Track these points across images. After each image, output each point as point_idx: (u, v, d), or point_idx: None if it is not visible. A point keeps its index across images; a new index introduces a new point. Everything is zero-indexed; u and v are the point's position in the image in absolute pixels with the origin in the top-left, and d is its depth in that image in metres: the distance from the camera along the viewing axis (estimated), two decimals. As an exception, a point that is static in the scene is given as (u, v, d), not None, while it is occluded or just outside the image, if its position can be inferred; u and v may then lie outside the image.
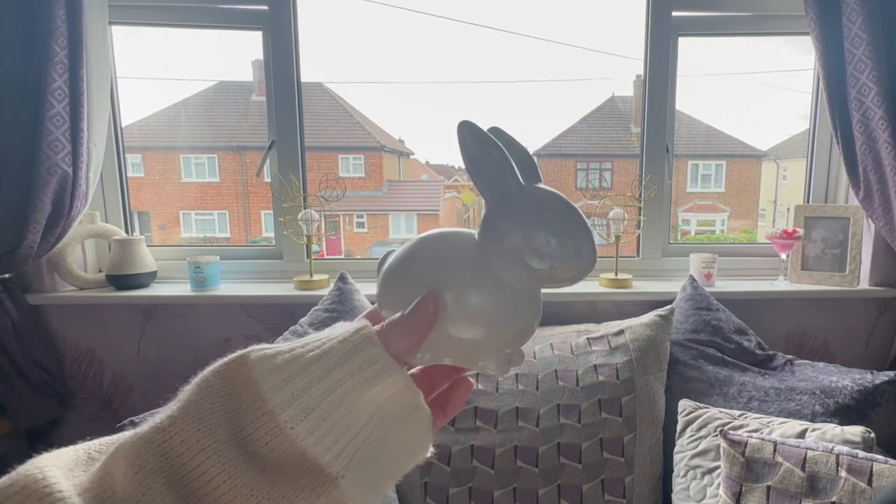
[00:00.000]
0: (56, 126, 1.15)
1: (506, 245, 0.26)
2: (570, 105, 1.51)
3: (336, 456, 0.23)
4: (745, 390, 1.12)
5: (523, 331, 0.29)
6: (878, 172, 1.20)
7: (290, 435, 0.22)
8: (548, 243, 0.25)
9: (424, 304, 0.27)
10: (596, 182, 5.52)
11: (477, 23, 6.64)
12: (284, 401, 0.23)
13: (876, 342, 1.41)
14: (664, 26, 1.40)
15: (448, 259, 0.28)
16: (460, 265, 0.27)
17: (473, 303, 0.27)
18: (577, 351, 1.19)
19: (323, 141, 6.33)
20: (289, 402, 0.23)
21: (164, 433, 0.22)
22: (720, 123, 6.59)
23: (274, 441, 0.22)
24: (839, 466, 0.83)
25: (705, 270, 1.37)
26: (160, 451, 0.21)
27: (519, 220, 0.26)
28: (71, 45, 1.15)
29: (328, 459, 0.23)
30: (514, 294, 0.27)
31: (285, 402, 0.23)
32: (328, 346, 0.25)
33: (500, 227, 0.26)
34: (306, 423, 0.23)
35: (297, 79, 1.43)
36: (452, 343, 0.27)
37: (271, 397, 0.23)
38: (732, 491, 0.90)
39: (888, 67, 1.15)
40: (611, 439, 1.09)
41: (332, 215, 1.46)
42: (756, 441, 0.90)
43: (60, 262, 1.31)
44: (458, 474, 1.06)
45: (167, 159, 5.18)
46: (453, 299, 0.27)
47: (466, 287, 0.27)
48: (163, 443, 0.22)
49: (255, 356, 0.24)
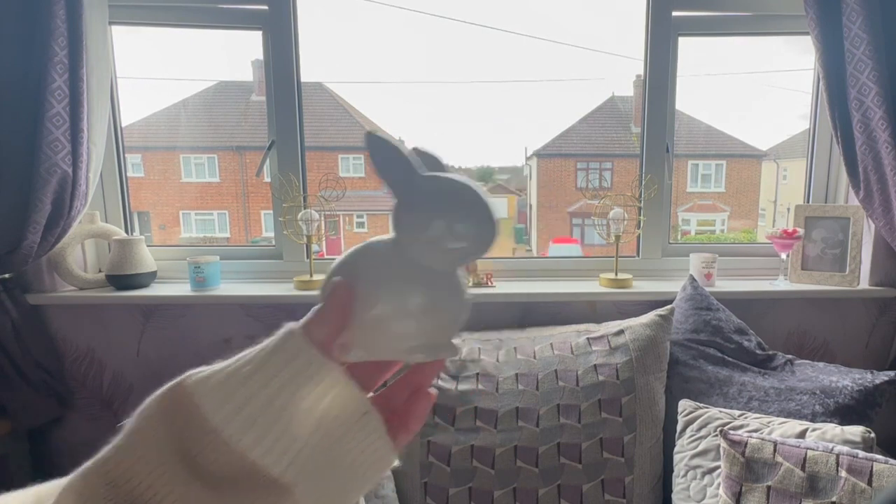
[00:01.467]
0: (56, 126, 1.15)
1: (413, 230, 0.29)
2: (570, 105, 1.48)
3: (287, 465, 0.23)
4: (745, 390, 1.12)
5: (445, 313, 0.30)
6: (879, 172, 1.20)
7: (238, 449, 0.22)
8: (446, 222, 0.28)
9: (335, 288, 0.28)
10: (596, 182, 5.52)
11: (477, 23, 6.64)
12: (226, 416, 0.23)
13: (876, 342, 1.41)
14: (664, 26, 1.40)
15: (365, 253, 0.31)
16: (376, 255, 0.30)
17: (393, 289, 0.29)
18: (577, 351, 1.18)
19: (323, 141, 6.33)
20: (231, 417, 0.23)
21: (109, 462, 0.22)
22: (720, 123, 6.58)
23: (223, 458, 0.22)
24: (839, 466, 0.83)
25: (705, 270, 1.37)
26: (106, 479, 0.21)
27: (419, 207, 0.29)
28: (71, 45, 1.15)
29: (279, 469, 0.23)
30: (432, 277, 0.29)
31: (227, 418, 0.23)
32: (260, 356, 0.25)
33: (404, 215, 0.29)
34: (251, 435, 0.23)
35: (297, 79, 1.43)
36: (379, 335, 0.29)
37: (213, 415, 0.23)
38: (732, 491, 0.90)
39: (888, 67, 1.15)
40: (611, 439, 1.09)
41: (332, 215, 1.46)
42: (756, 441, 0.90)
43: (60, 262, 1.31)
44: (459, 474, 1.06)
45: (167, 159, 5.18)
46: (372, 288, 0.28)
47: (383, 274, 0.29)
48: (108, 472, 0.21)
49: (192, 380, 0.24)
